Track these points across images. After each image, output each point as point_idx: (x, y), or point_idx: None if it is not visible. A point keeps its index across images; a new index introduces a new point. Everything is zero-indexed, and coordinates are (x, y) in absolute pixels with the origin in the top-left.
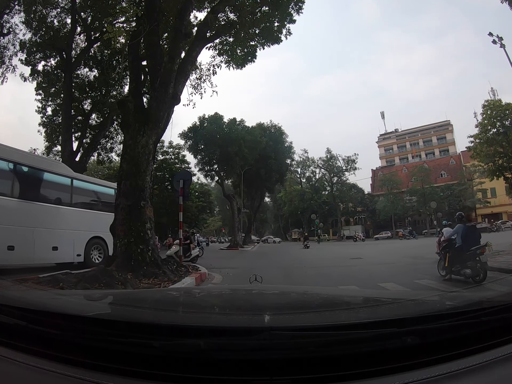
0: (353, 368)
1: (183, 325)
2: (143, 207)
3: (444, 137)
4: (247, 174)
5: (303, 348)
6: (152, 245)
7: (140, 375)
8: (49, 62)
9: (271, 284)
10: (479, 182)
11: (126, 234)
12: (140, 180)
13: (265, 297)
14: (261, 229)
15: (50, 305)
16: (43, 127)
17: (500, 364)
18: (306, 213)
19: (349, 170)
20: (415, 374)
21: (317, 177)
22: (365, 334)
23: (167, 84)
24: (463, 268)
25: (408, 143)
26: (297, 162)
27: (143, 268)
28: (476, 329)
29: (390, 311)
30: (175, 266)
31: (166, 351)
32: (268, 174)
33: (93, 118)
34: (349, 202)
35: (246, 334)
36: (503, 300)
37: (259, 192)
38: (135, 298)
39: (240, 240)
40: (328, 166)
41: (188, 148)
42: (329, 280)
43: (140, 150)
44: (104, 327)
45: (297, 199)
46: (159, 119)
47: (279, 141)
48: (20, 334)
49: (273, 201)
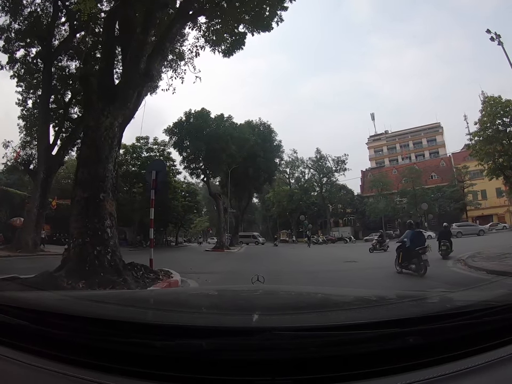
0: (356, 368)
1: (185, 325)
2: (102, 200)
3: (434, 139)
4: (234, 172)
5: (305, 348)
6: (112, 247)
7: (142, 375)
8: (30, 51)
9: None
10: (470, 184)
11: (81, 233)
12: (100, 168)
13: (267, 297)
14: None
15: (52, 305)
16: (23, 120)
17: (503, 364)
18: (295, 214)
19: (338, 171)
20: (418, 374)
21: (306, 178)
22: (367, 334)
23: (138, 58)
24: (409, 263)
25: (398, 145)
26: (286, 162)
27: (99, 275)
28: (479, 329)
29: (392, 311)
30: (141, 272)
31: (168, 351)
32: (256, 173)
33: (75, 112)
34: (338, 203)
35: (247, 334)
36: (506, 300)
37: (247, 192)
38: (137, 298)
39: (226, 241)
40: (318, 167)
41: (173, 145)
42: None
43: (103, 133)
44: (106, 327)
45: (285, 200)
46: (127, 97)
47: (268, 139)
48: (22, 334)
49: (261, 202)
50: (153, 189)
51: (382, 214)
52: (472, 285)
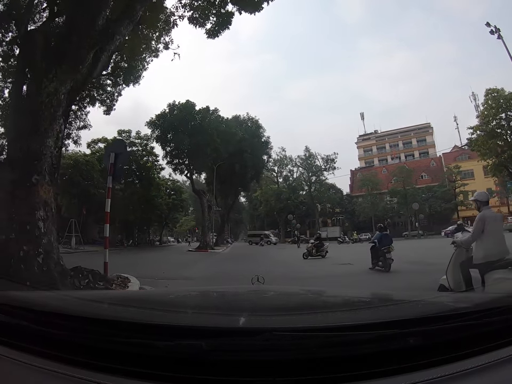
0: (356, 369)
1: (185, 325)
2: (34, 185)
3: (424, 140)
4: (220, 169)
5: (305, 349)
6: (46, 246)
7: (142, 376)
8: (5, 35)
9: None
10: (462, 184)
11: (4, 226)
12: (36, 143)
13: (267, 298)
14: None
15: (52, 305)
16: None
17: (504, 365)
18: (282, 214)
19: (328, 169)
20: (418, 375)
21: (295, 177)
22: (368, 335)
23: (96, 13)
24: (378, 261)
25: (388, 145)
26: (274, 161)
27: (24, 283)
28: (479, 331)
29: (393, 312)
30: (86, 281)
31: (168, 351)
32: (243, 170)
33: None
34: (327, 203)
35: (248, 334)
36: (505, 301)
37: (233, 189)
38: (137, 298)
39: (210, 241)
40: (307, 165)
41: (156, 138)
42: None
43: (44, 99)
44: (106, 327)
45: (273, 199)
46: (79, 59)
47: (256, 135)
48: (22, 334)
49: (248, 201)
50: (111, 175)
51: (372, 213)
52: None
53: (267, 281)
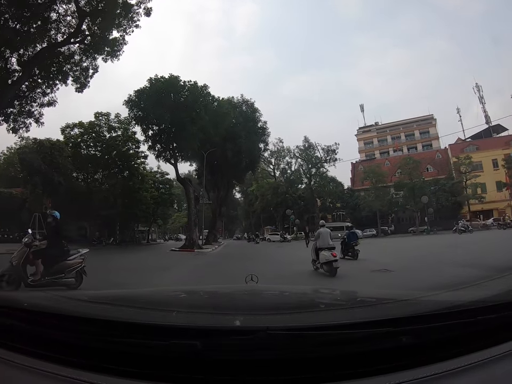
0: (349, 367)
1: (180, 325)
2: None
3: (427, 132)
4: (211, 157)
5: (299, 348)
6: None
7: (137, 376)
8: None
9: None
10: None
11: None
12: None
13: (261, 297)
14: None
15: (47, 306)
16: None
17: (496, 363)
18: (280, 209)
19: (328, 161)
20: (411, 373)
21: (293, 169)
22: (361, 334)
23: None
24: (347, 252)
25: (389, 137)
26: (271, 152)
27: None
28: (472, 328)
29: (385, 311)
30: None
31: (163, 351)
32: (237, 157)
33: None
34: (327, 197)
35: (242, 334)
36: (498, 299)
37: (225, 179)
38: (131, 298)
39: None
40: (306, 156)
41: (134, 119)
42: None
43: None
44: (101, 328)
45: (270, 193)
46: None
47: (251, 119)
48: (17, 335)
49: (244, 196)
50: None
51: (377, 208)
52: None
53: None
